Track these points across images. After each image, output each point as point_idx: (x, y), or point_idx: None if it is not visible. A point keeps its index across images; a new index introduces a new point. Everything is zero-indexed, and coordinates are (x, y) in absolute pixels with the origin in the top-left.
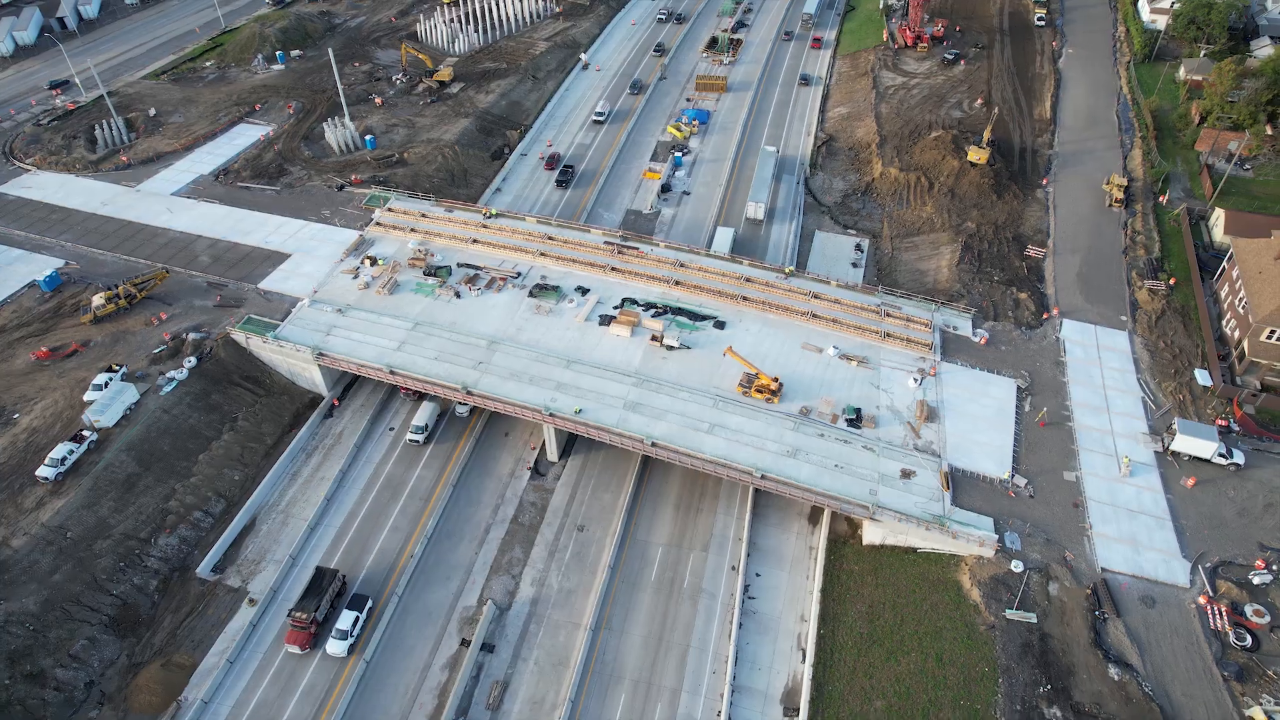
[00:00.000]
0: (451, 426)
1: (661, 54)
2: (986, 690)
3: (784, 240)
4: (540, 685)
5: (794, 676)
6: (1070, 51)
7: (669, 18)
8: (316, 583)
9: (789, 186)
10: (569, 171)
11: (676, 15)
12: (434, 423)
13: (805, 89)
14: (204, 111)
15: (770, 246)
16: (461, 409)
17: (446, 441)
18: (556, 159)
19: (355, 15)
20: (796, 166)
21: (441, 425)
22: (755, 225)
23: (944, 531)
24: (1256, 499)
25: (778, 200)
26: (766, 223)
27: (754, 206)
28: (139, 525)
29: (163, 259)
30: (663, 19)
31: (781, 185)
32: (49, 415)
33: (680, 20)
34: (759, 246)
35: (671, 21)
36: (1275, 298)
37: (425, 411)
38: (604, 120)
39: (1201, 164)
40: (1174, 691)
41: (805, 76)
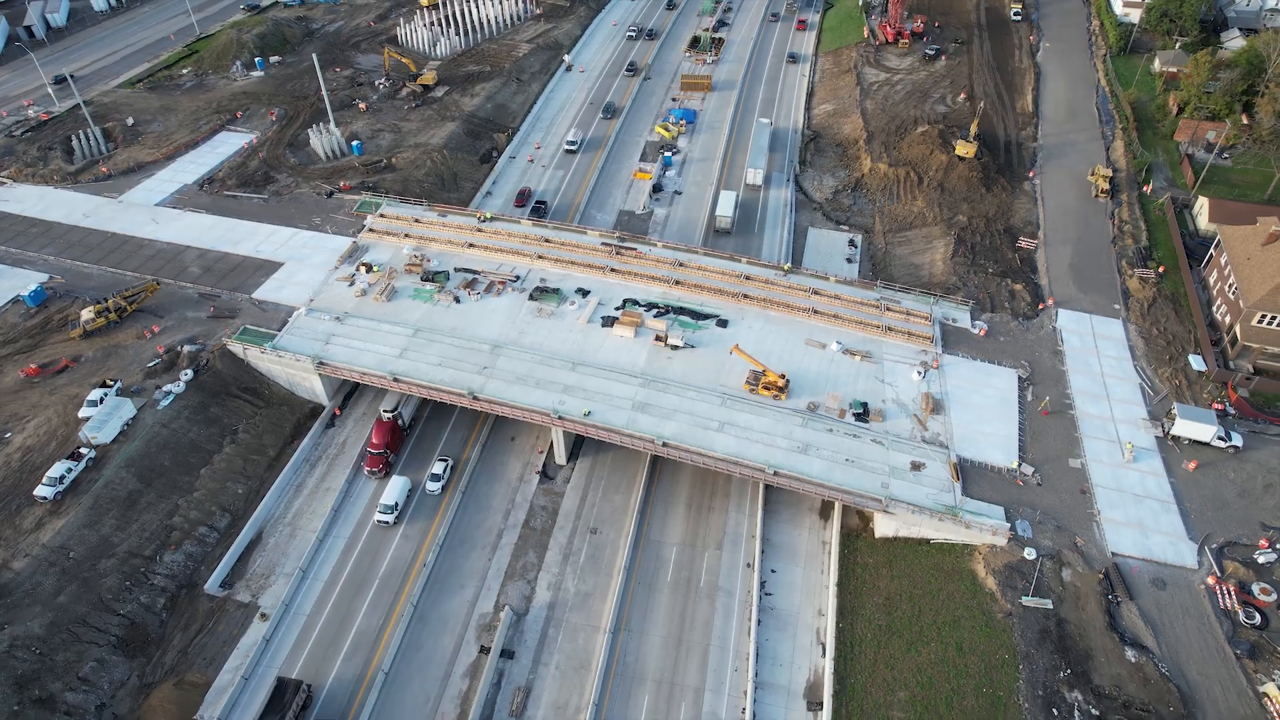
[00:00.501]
0: (423, 505)
1: (635, 74)
2: (1008, 677)
3: (780, 203)
4: (563, 690)
5: (815, 671)
6: (1047, 45)
7: (639, 35)
8: (278, 698)
9: (783, 155)
10: (542, 207)
11: (647, 31)
12: (404, 501)
13: (793, 66)
14: (184, 120)
15: (768, 210)
16: (433, 486)
17: (418, 521)
18: (527, 194)
19: (333, 20)
20: (788, 137)
21: (413, 503)
22: (754, 190)
23: (957, 522)
24: (1256, 480)
25: (773, 167)
26: (764, 187)
27: (753, 173)
28: (143, 543)
29: (151, 271)
30: (632, 36)
31: (776, 154)
32: (43, 433)
33: (651, 36)
34: (757, 210)
35: (642, 39)
36: (1265, 283)
37: (395, 489)
38: (576, 149)
39: (1182, 154)
40: (1189, 671)
41: (793, 55)
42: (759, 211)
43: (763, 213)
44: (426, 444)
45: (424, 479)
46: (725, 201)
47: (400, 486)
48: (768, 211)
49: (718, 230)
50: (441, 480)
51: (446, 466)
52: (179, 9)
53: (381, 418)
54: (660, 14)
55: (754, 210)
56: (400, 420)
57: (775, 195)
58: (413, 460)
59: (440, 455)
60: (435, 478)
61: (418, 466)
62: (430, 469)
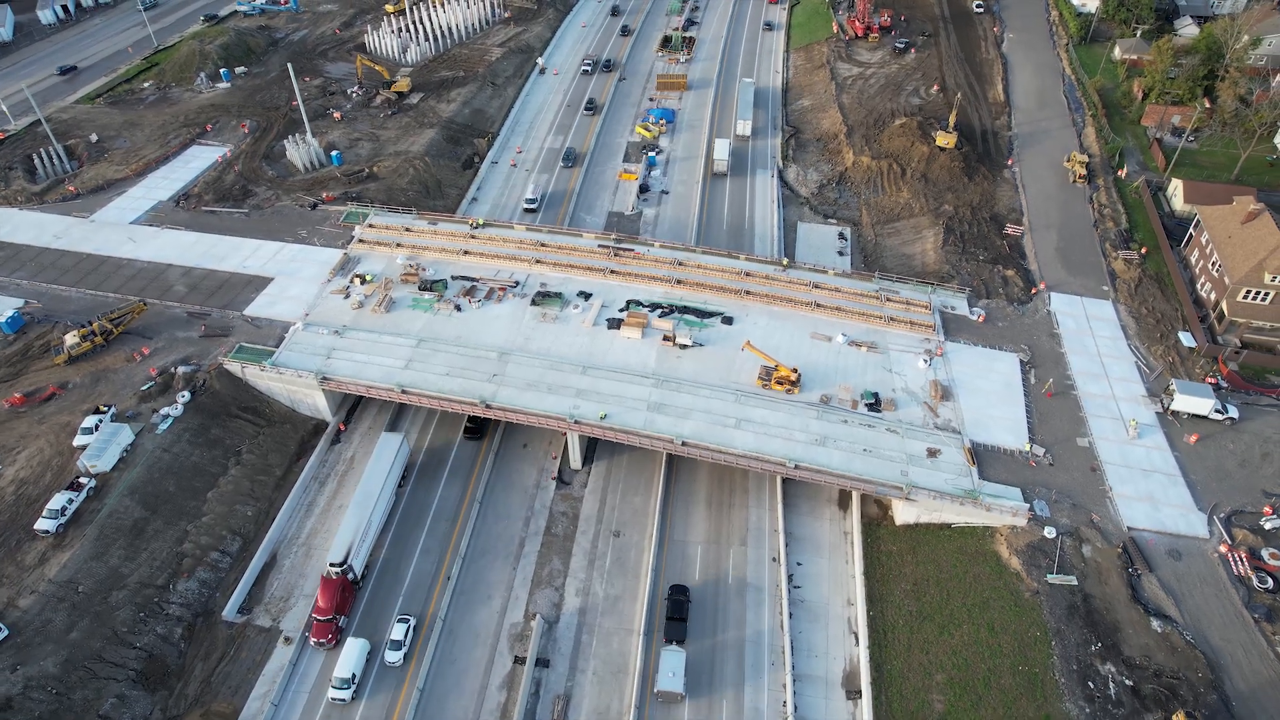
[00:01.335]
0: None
1: (572, 165)
2: (1042, 653)
3: (768, 154)
4: (602, 695)
5: (850, 660)
6: (1011, 36)
7: (595, 68)
8: None
9: (766, 112)
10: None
11: (604, 63)
12: (361, 670)
13: (769, 33)
14: (151, 134)
15: (756, 156)
16: (393, 656)
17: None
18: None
19: (296, 28)
20: (769, 96)
21: (372, 672)
22: (743, 140)
23: (978, 505)
24: (1254, 450)
25: (758, 121)
26: (752, 138)
27: (742, 124)
28: (154, 572)
29: (133, 291)
30: (588, 70)
31: (760, 110)
32: (36, 464)
33: (609, 68)
34: (748, 156)
35: (599, 71)
36: (1248, 260)
37: (350, 658)
38: (536, 208)
39: (1151, 138)
40: (1212, 637)
41: (768, 23)
42: (749, 157)
43: (752, 158)
44: (430, 473)
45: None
46: (720, 148)
47: (358, 652)
48: (756, 157)
49: (715, 174)
50: (403, 648)
51: (408, 628)
52: (131, 20)
53: (329, 575)
54: (617, 37)
55: (745, 156)
56: (352, 574)
57: (761, 144)
58: None
59: (400, 615)
60: (396, 645)
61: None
62: (389, 634)
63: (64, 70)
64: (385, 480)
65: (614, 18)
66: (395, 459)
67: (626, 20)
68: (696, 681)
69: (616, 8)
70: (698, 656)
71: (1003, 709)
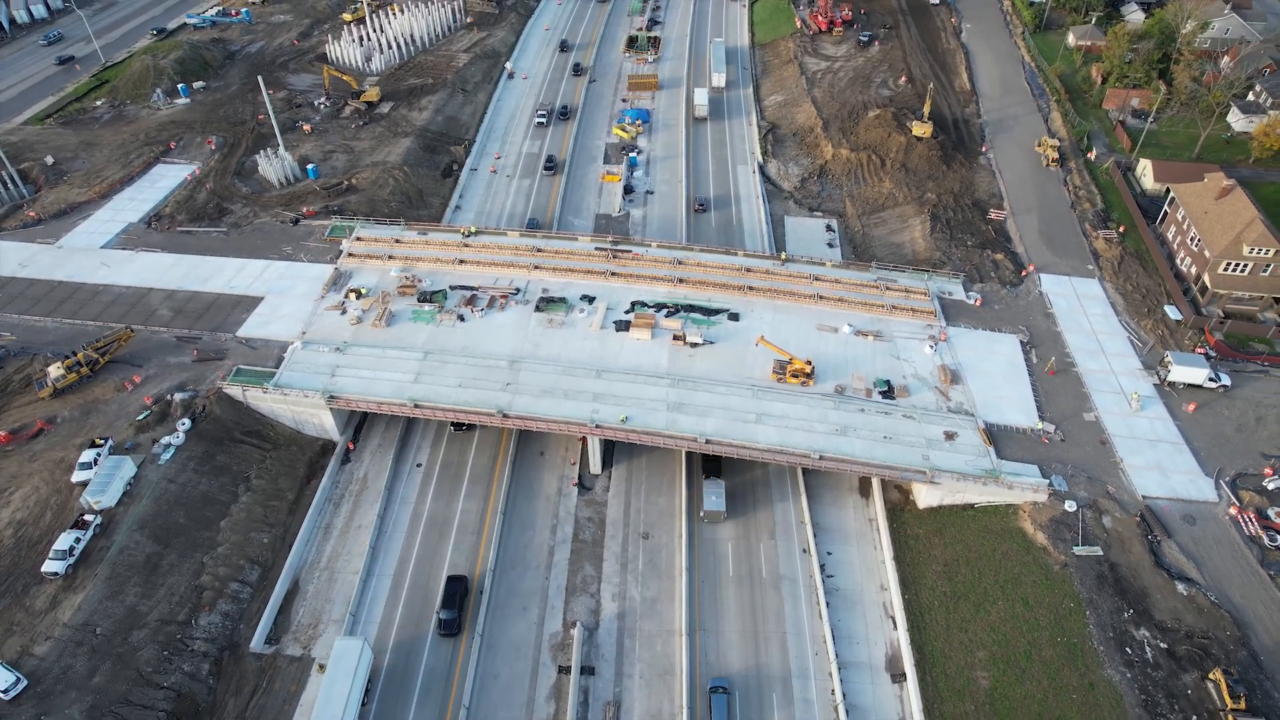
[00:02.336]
0: None
1: (554, 171)
2: (1078, 624)
3: (741, 102)
4: (652, 698)
5: (891, 644)
6: (968, 26)
7: (550, 118)
8: None
9: (737, 66)
10: None
11: (561, 111)
12: None
13: (734, 4)
14: (111, 155)
15: (730, 104)
16: None
17: None
18: None
19: (251, 40)
20: (739, 53)
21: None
22: (718, 90)
23: (1000, 484)
24: (1248, 415)
25: (731, 75)
26: (726, 89)
27: (717, 76)
28: (174, 608)
29: (113, 318)
30: (542, 122)
31: (731, 65)
32: (34, 504)
33: (566, 116)
34: (724, 104)
35: (554, 121)
36: (1226, 233)
37: None
38: (547, 121)
39: (1115, 121)
40: (1234, 596)
41: None
42: (724, 105)
43: (727, 106)
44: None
45: None
46: (700, 95)
47: None
48: (730, 104)
49: (697, 118)
50: None
51: None
52: (74, 35)
53: None
54: (585, 30)
55: (721, 104)
56: None
57: (734, 94)
58: None
59: None
60: None
61: None
62: None
63: (62, 60)
64: (345, 703)
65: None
66: (356, 672)
67: (586, 32)
68: (743, 672)
69: (564, 42)
70: (742, 649)
71: (1047, 680)
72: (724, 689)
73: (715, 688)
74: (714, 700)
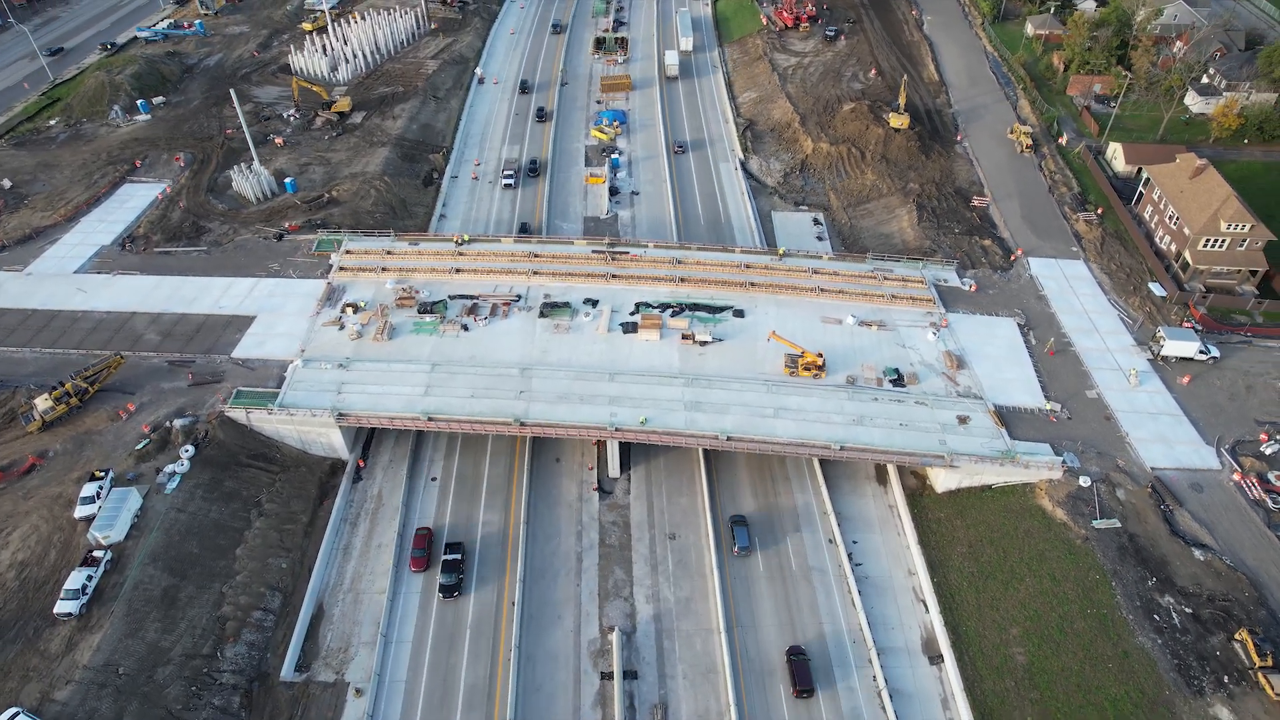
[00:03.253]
0: None
1: (545, 119)
2: (1105, 595)
3: (709, 63)
4: (699, 698)
5: (925, 627)
6: (929, 18)
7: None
8: None
9: (702, 33)
10: None
11: (538, 113)
12: None
13: (697, 2)
14: (73, 175)
15: (697, 65)
16: None
17: None
18: None
19: (209, 53)
20: (703, 22)
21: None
22: (686, 54)
23: (1016, 464)
24: (1238, 384)
25: (697, 41)
26: (694, 53)
27: (684, 40)
28: (197, 641)
29: (97, 345)
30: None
31: (697, 33)
32: (35, 544)
33: (542, 119)
34: (692, 66)
35: (532, 125)
36: (1203, 211)
37: None
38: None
39: (1080, 107)
40: (1247, 559)
41: None
42: (693, 66)
43: (695, 66)
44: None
45: None
46: (671, 57)
47: None
48: (697, 65)
49: (669, 78)
50: None
51: None
52: (15, 52)
53: None
54: (549, 43)
55: (690, 65)
56: None
57: (701, 57)
58: None
59: None
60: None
61: None
62: None
63: (53, 52)
64: None
65: (555, 33)
66: None
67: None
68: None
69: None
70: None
71: (1082, 652)
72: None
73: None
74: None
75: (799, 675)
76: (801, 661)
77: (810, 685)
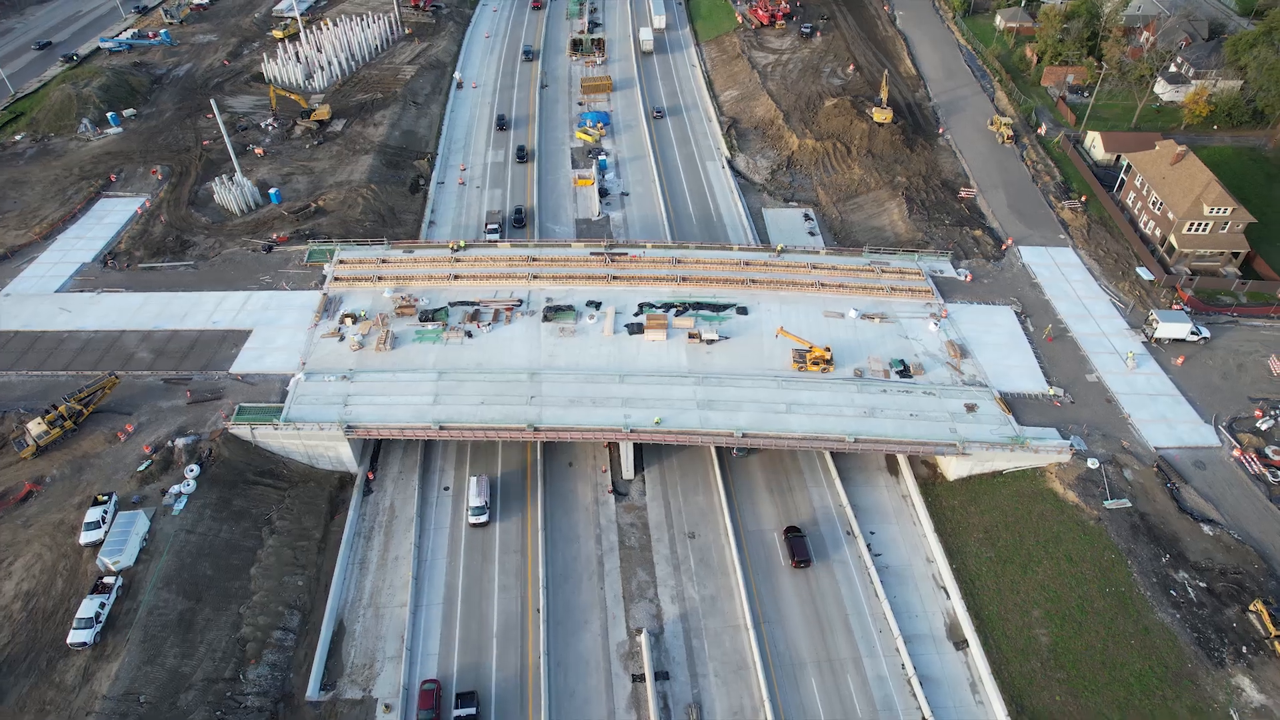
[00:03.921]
0: None
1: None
2: (1121, 573)
3: (680, 40)
4: (731, 695)
5: (948, 613)
6: (901, 14)
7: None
8: None
9: (673, 13)
10: None
11: (517, 118)
12: None
13: None
14: (45, 192)
15: (670, 41)
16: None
17: None
18: None
19: (176, 63)
20: (673, 3)
21: None
22: (660, 31)
23: (1026, 449)
24: (1229, 363)
25: (670, 20)
26: (666, 30)
27: (658, 19)
28: (218, 664)
29: (86, 366)
30: None
31: (670, 13)
32: (39, 573)
33: (514, 123)
34: (665, 41)
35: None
36: (1186, 196)
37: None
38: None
39: (1055, 97)
40: (1253, 532)
41: None
42: (666, 42)
43: (669, 42)
44: None
45: None
46: (645, 33)
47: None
48: (670, 41)
49: (644, 53)
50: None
51: None
52: None
53: None
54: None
55: (663, 41)
56: None
57: (673, 34)
58: None
59: None
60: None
61: None
62: None
63: (40, 45)
64: None
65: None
66: None
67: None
68: (817, 657)
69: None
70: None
71: (1104, 630)
72: None
73: None
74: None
75: None
76: None
77: None
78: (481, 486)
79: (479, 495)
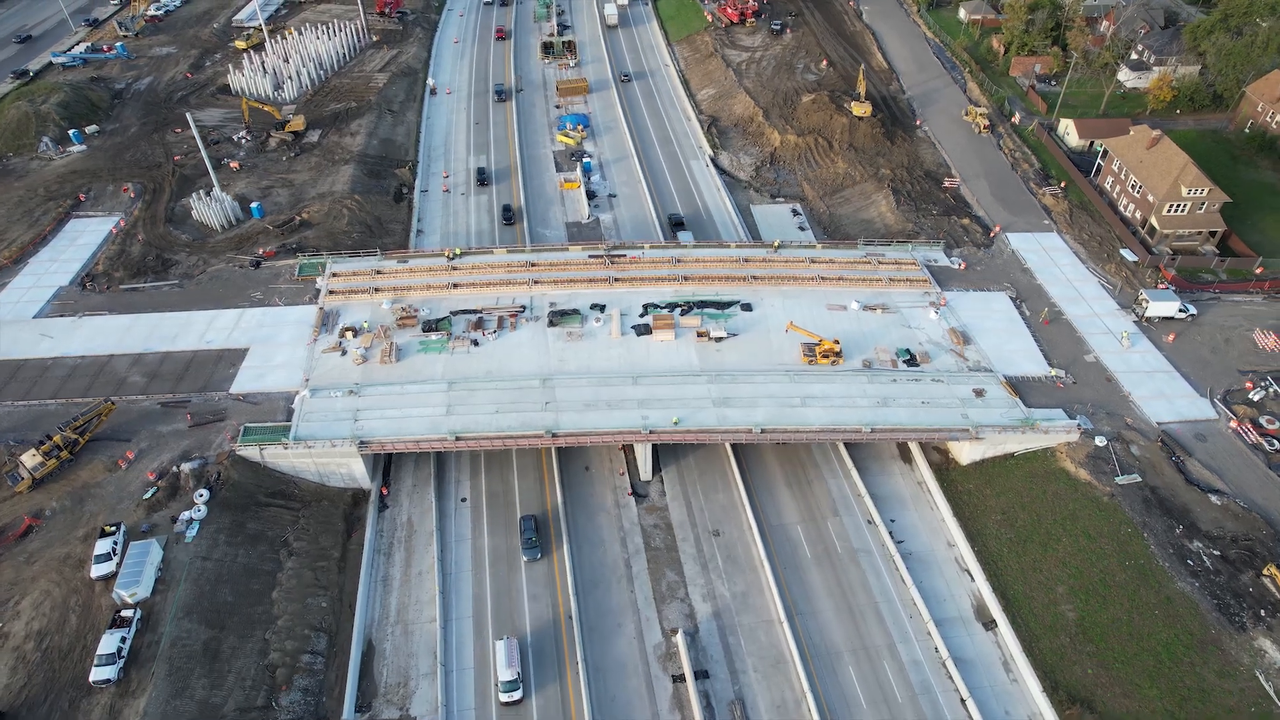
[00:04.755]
0: None
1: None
2: (1139, 547)
3: (643, 15)
4: (773, 689)
5: (974, 595)
6: (867, 8)
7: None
8: None
9: None
10: None
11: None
12: None
13: None
14: (10, 214)
15: (633, 17)
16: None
17: None
18: None
19: (137, 77)
20: None
21: None
22: (624, 7)
23: (1036, 431)
24: (1217, 338)
25: None
26: (630, 5)
27: None
28: (249, 693)
29: (77, 393)
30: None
31: None
32: (51, 610)
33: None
34: (629, 18)
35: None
36: (1164, 178)
37: None
38: None
39: (1025, 86)
40: (1258, 500)
41: None
42: (630, 18)
43: (634, 18)
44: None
45: None
46: (609, 8)
47: None
48: (634, 17)
49: (609, 27)
50: None
51: None
52: None
53: None
54: (495, 48)
55: (627, 17)
56: None
57: (636, 10)
58: None
59: None
60: None
61: None
62: None
63: (21, 39)
64: None
65: (500, 41)
66: None
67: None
68: (853, 646)
69: None
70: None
71: (1128, 601)
72: None
73: None
74: None
75: None
76: None
77: None
78: (512, 653)
79: (509, 666)
